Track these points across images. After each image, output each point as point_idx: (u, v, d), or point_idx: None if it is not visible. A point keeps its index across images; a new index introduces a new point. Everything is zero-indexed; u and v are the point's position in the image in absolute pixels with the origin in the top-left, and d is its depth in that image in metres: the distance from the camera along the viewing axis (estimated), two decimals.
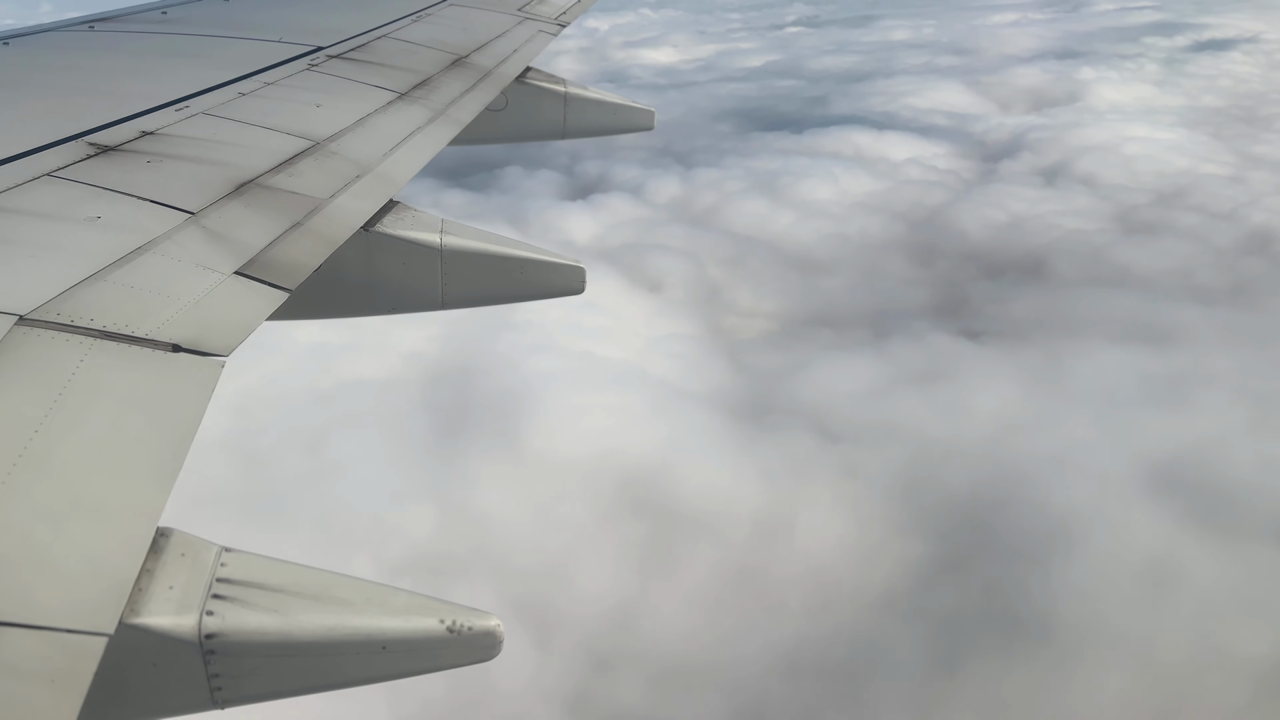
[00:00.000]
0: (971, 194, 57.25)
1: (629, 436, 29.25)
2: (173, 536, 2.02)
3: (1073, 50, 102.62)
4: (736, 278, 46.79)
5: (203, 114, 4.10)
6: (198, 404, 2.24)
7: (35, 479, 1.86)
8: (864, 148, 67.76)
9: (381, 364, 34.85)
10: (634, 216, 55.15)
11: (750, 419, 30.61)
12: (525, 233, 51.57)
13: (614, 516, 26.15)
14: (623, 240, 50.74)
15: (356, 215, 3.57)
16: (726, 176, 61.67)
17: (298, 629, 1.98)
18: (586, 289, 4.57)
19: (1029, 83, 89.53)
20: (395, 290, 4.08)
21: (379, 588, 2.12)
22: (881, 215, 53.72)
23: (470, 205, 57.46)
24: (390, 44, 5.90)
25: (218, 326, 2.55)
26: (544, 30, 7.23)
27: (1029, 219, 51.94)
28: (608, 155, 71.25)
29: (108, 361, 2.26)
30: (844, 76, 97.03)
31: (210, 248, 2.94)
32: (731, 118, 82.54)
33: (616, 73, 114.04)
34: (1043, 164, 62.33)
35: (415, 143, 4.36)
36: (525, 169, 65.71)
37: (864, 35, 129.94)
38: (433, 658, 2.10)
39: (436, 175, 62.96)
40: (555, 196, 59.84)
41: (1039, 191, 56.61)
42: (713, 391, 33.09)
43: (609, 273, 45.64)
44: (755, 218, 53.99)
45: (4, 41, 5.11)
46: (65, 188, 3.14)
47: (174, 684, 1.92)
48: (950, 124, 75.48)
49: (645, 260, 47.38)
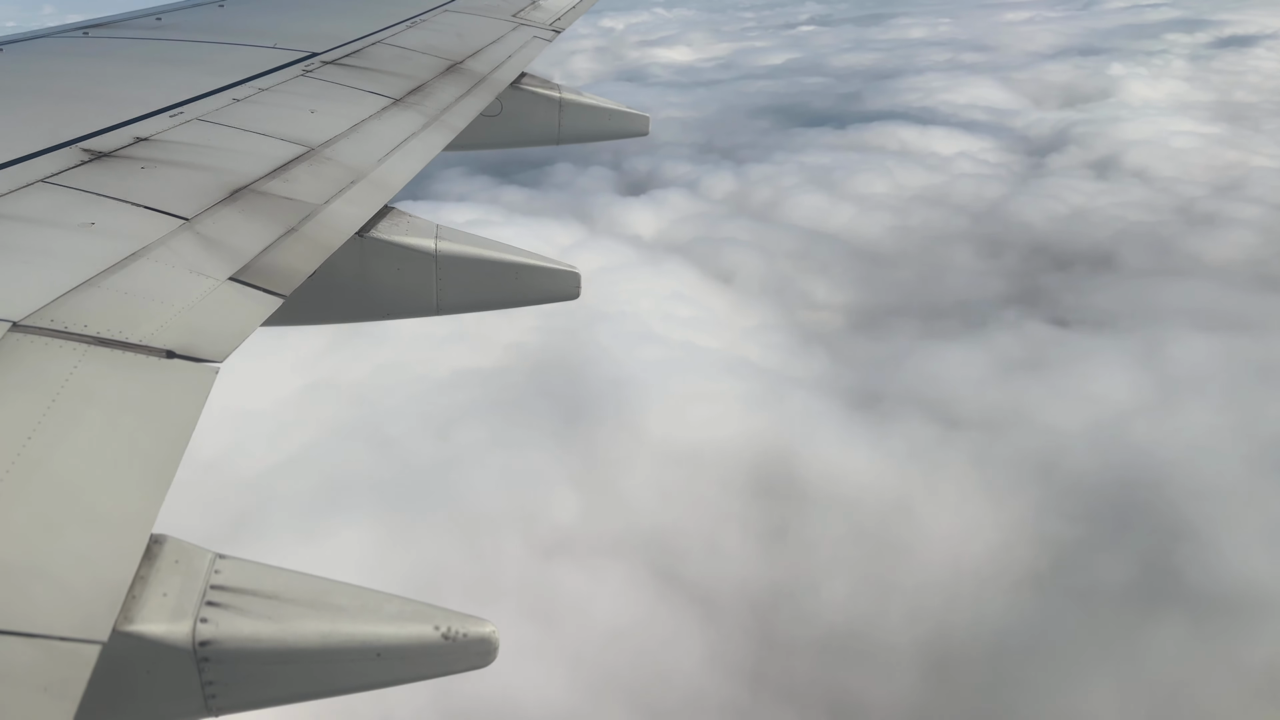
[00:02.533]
0: (1028, 187, 57.74)
1: (750, 422, 29.63)
2: (166, 543, 2.00)
3: (1095, 47, 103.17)
4: (807, 270, 47.16)
5: (197, 120, 4.08)
6: (192, 410, 2.22)
7: (29, 486, 1.85)
8: (909, 143, 68.24)
9: (486, 355, 35.16)
10: (695, 211, 55.52)
11: (865, 406, 30.98)
12: (592, 228, 52.01)
13: (751, 499, 26.50)
14: (689, 234, 51.09)
15: (351, 221, 3.56)
16: (779, 171, 62.09)
17: (292, 636, 1.96)
18: (581, 292, 4.51)
19: (1060, 79, 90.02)
20: (390, 296, 4.06)
21: (373, 594, 2.11)
22: (942, 208, 54.18)
23: (530, 201, 57.84)
24: (385, 50, 5.89)
25: (212, 332, 2.54)
26: (539, 36, 7.23)
27: (1090, 211, 52.43)
28: (653, 152, 71.65)
29: (101, 368, 2.24)
30: (872, 74, 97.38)
31: (204, 254, 2.92)
32: (768, 114, 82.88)
33: (634, 72, 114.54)
34: (1091, 158, 62.87)
35: (410, 149, 4.35)
36: (576, 165, 66.10)
37: (880, 33, 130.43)
38: (428, 664, 2.09)
39: (489, 172, 63.36)
40: (612, 192, 60.18)
41: (1094, 184, 57.11)
42: (819, 379, 33.46)
43: (684, 266, 46.05)
44: (816, 211, 54.41)
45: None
46: (59, 194, 3.11)
47: (168, 691, 1.90)
48: (990, 119, 75.96)
49: (717, 254, 47.73)
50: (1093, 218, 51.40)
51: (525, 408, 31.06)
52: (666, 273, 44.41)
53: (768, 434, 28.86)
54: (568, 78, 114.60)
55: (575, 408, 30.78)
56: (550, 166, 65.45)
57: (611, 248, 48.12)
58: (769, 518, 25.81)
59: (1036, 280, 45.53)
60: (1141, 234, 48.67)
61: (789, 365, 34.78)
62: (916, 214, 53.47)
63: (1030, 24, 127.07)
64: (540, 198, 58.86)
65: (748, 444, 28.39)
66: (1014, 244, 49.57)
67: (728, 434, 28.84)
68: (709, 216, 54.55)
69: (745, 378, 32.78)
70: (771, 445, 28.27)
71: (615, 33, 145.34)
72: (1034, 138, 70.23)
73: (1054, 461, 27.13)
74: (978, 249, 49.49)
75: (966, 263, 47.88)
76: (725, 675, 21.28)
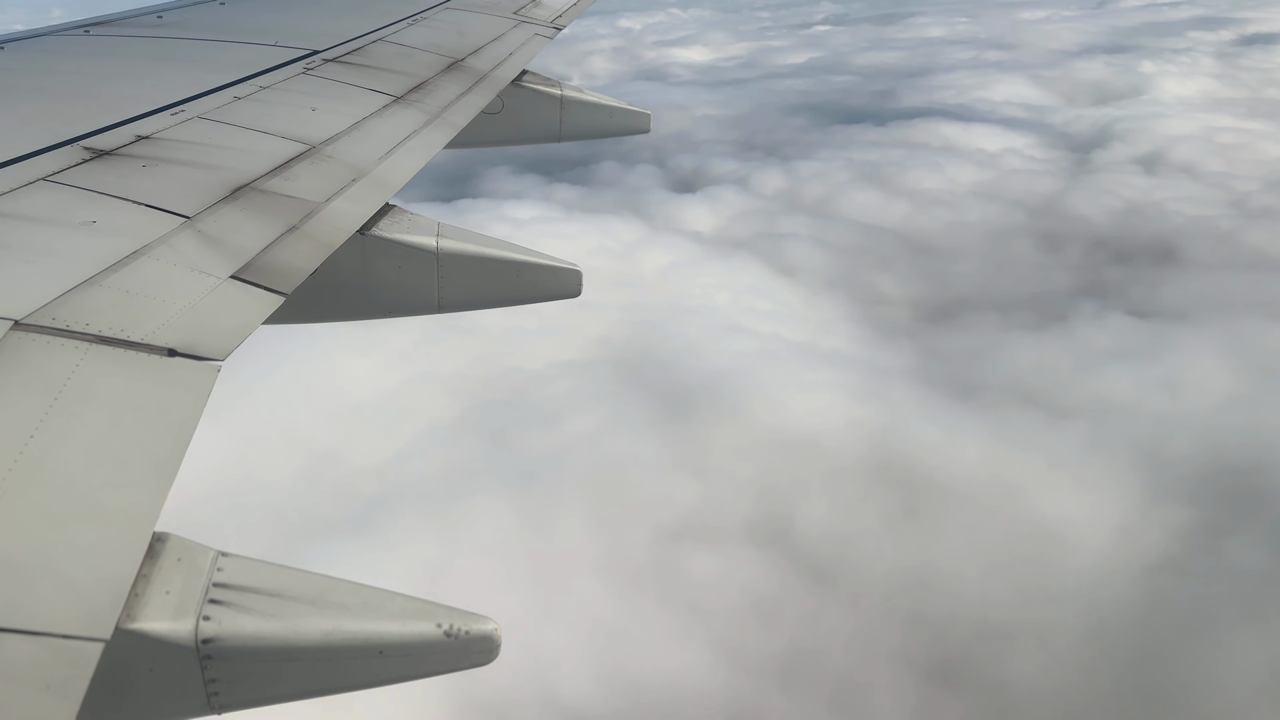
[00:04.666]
0: (1079, 182, 58.10)
1: (857, 411, 29.93)
2: (169, 541, 2.01)
3: (1120, 45, 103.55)
4: (871, 265, 47.49)
5: (198, 118, 4.08)
6: (193, 408, 2.22)
7: (31, 484, 1.86)
8: (953, 139, 68.58)
9: (576, 348, 35.46)
10: (749, 208, 55.83)
11: (966, 396, 31.32)
12: (651, 224, 52.32)
13: (873, 486, 26.81)
14: (749, 230, 51.43)
15: (352, 219, 3.57)
16: (828, 168, 62.42)
17: (294, 633, 1.97)
18: (582, 291, 4.48)
19: (1091, 76, 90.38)
20: (391, 293, 4.07)
21: (376, 591, 2.11)
22: (997, 203, 54.51)
23: (583, 198, 58.16)
24: (386, 48, 5.89)
25: (213, 331, 2.54)
26: (540, 33, 7.23)
27: (1146, 206, 52.76)
28: (694, 149, 72.07)
29: (103, 366, 2.24)
30: (900, 72, 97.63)
31: (206, 252, 2.93)
32: (803, 111, 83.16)
33: (654, 71, 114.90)
34: (1136, 153, 63.20)
35: (411, 146, 4.35)
36: (622, 164, 66.46)
37: (898, 32, 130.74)
38: (430, 662, 2.09)
39: (536, 170, 63.68)
40: (663, 189, 60.50)
41: (1145, 180, 57.47)
42: (912, 370, 33.79)
43: (751, 261, 46.39)
44: (871, 207, 54.74)
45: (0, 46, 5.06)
46: (60, 192, 3.11)
47: (171, 689, 1.91)
48: (1027, 116, 76.32)
49: (780, 249, 48.05)
50: (1149, 212, 51.74)
51: (627, 398, 31.36)
52: (736, 268, 44.73)
53: (878, 423, 29.18)
54: (586, 78, 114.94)
55: (678, 398, 31.07)
56: (596, 164, 65.80)
57: (676, 243, 48.45)
58: (895, 504, 26.11)
59: (1100, 274, 45.86)
60: (1201, 228, 48.99)
61: (877, 356, 35.11)
62: (972, 209, 53.81)
63: (1049, 22, 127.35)
64: (593, 195, 59.20)
65: (861, 432, 28.72)
66: (1073, 238, 49.91)
67: (837, 422, 29.17)
68: (765, 212, 54.87)
69: (841, 368, 33.10)
70: (884, 434, 28.60)
71: (633, 33, 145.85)
72: (1074, 134, 70.62)
73: (1164, 449, 27.46)
74: (1037, 243, 49.83)
75: (1029, 257, 48.22)
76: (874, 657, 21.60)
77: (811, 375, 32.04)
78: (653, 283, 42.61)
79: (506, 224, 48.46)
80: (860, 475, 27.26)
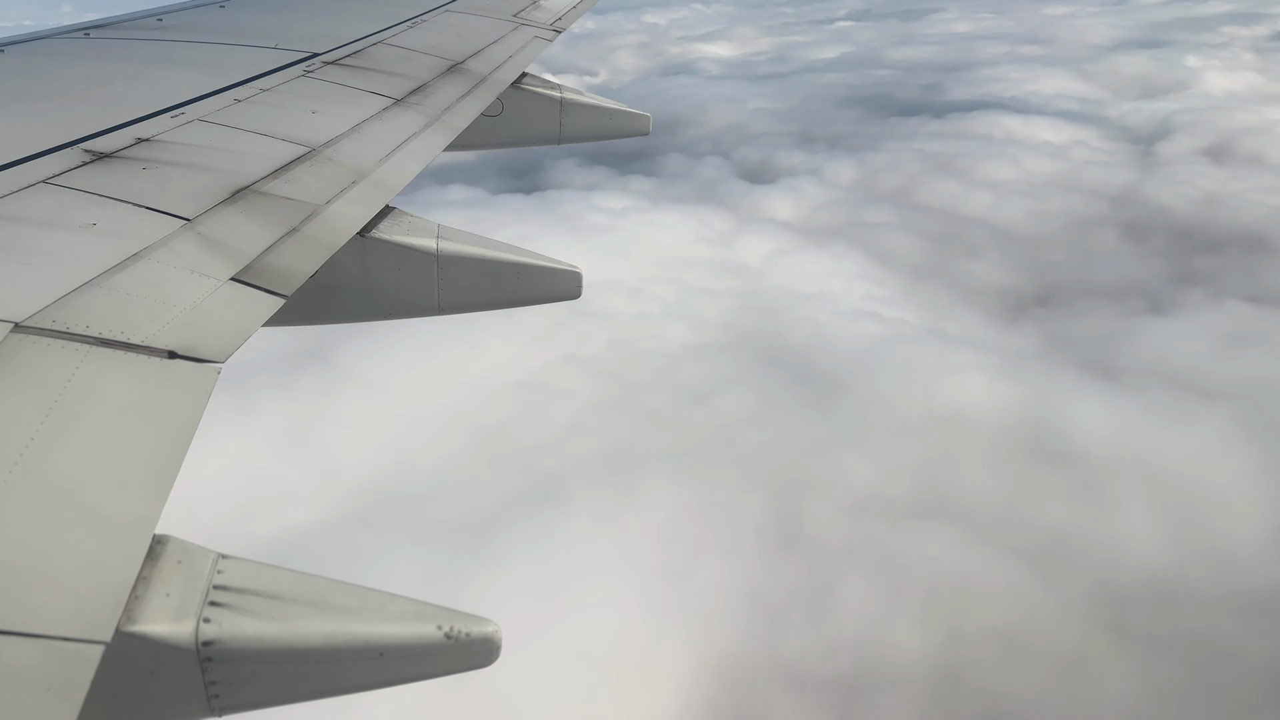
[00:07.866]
0: (1152, 174, 58.54)
1: (1003, 392, 30.30)
2: (169, 544, 2.00)
3: (1154, 40, 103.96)
4: (964, 253, 47.87)
5: (198, 121, 4.08)
6: (194, 410, 2.23)
7: (31, 486, 1.86)
8: (1015, 131, 69.00)
9: (703, 333, 35.80)
10: (830, 198, 56.21)
11: (1108, 378, 31.70)
12: (737, 214, 52.64)
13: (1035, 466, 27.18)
14: (838, 219, 51.79)
15: (352, 221, 3.59)
16: (898, 159, 62.83)
17: (295, 636, 1.97)
18: (581, 292, 4.46)
19: (1134, 71, 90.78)
20: (392, 295, 4.07)
21: (376, 594, 2.11)
22: (1076, 194, 54.96)
23: (660, 189, 58.41)
24: (386, 50, 5.90)
25: (213, 333, 2.55)
26: (540, 36, 7.24)
27: (1225, 196, 53.19)
28: (753, 141, 72.40)
29: (103, 368, 2.24)
30: (940, 66, 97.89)
31: (206, 254, 2.93)
32: (854, 104, 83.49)
33: (682, 66, 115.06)
34: (1201, 145, 63.64)
35: (411, 149, 4.37)
36: (688, 156, 66.78)
37: (925, 28, 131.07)
38: (430, 664, 2.09)
39: (604, 163, 63.91)
40: (740, 180, 60.81)
41: (1218, 170, 57.91)
42: (1044, 354, 34.18)
43: (850, 249, 46.75)
44: (951, 197, 55.15)
45: (0, 49, 5.07)
46: (61, 194, 3.12)
47: (171, 692, 1.91)
48: (1081, 109, 76.76)
49: (874, 237, 48.42)
50: (1231, 202, 52.17)
51: (772, 380, 31.69)
52: (837, 255, 45.08)
53: (1028, 404, 29.55)
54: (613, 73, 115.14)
55: (823, 379, 31.42)
56: (663, 157, 66.02)
57: (770, 232, 48.79)
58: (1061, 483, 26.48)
59: (1190, 262, 46.31)
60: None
61: (1007, 340, 35.48)
62: (1053, 199, 54.23)
63: (1076, 18, 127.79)
64: (668, 186, 59.46)
65: (1012, 413, 29.08)
66: (1156, 228, 50.36)
67: (987, 403, 29.54)
68: (846, 203, 55.26)
69: (978, 350, 33.47)
70: (1037, 414, 28.97)
71: (659, 28, 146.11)
72: (1132, 126, 71.02)
73: None
74: (1123, 233, 50.29)
75: (1117, 245, 48.67)
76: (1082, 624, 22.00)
77: (953, 357, 32.41)
78: (758, 270, 42.94)
79: (601, 214, 48.79)
80: (1021, 455, 27.63)
